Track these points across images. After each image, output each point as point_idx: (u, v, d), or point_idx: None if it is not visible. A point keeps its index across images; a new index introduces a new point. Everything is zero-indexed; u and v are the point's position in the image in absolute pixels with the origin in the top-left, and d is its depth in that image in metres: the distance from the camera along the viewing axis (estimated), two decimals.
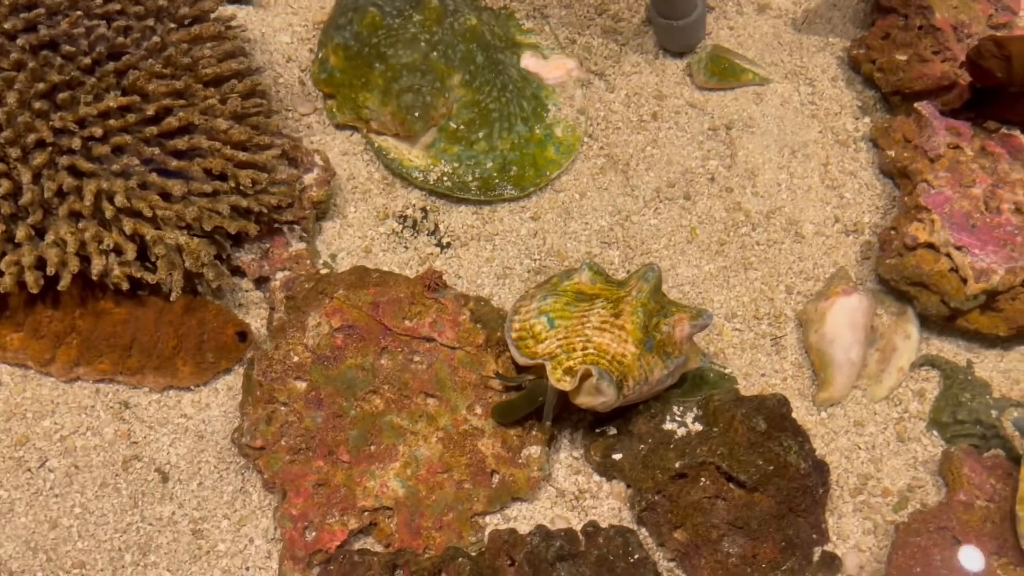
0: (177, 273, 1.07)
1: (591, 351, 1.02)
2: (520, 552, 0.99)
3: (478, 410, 1.07)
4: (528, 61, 1.41)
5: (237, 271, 1.19)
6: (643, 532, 1.08)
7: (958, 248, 1.12)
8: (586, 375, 0.99)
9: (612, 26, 1.49)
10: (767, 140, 1.38)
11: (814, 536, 1.06)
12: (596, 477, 1.12)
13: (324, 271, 1.18)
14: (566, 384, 1.00)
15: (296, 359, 1.06)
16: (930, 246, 1.15)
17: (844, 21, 1.50)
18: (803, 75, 1.44)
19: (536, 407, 1.04)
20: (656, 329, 1.06)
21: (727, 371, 1.20)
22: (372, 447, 1.03)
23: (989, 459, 1.07)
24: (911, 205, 1.19)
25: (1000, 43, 1.19)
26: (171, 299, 1.08)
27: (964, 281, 1.11)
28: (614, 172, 1.36)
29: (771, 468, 1.02)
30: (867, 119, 1.39)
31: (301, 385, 1.05)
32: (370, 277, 1.10)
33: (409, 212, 1.31)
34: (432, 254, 1.28)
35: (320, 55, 1.32)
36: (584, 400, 1.01)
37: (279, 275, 1.18)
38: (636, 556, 1.00)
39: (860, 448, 1.15)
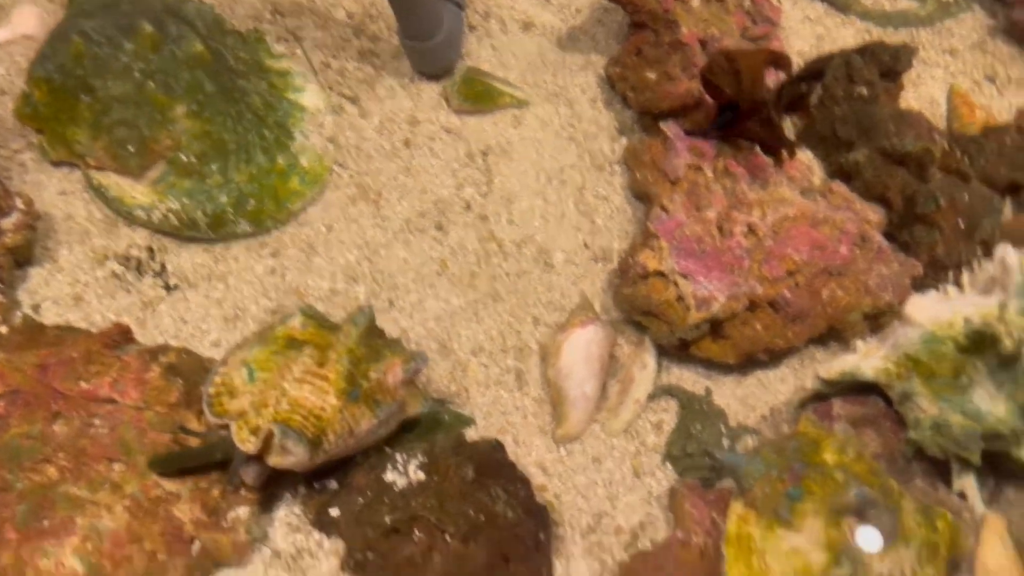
0: None
1: (284, 407, 0.96)
2: None
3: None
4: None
5: None
6: None
7: (684, 276, 1.11)
8: (270, 435, 0.93)
9: (369, 47, 1.43)
10: (524, 165, 1.35)
11: None
12: (316, 535, 1.06)
13: (11, 326, 1.08)
14: (250, 445, 0.94)
15: None
16: (660, 274, 1.13)
17: (607, 37, 1.47)
18: (563, 96, 1.41)
19: (214, 462, 0.97)
20: (364, 377, 1.01)
21: (466, 411, 1.16)
22: (45, 522, 0.94)
23: (714, 493, 1.05)
24: (645, 231, 1.17)
25: (730, 57, 1.17)
26: None
27: (688, 309, 1.09)
28: (365, 203, 1.30)
29: (481, 518, 0.98)
30: (623, 140, 1.37)
31: None
32: (44, 336, 1.01)
33: (133, 252, 1.22)
34: (157, 297, 1.20)
35: (25, 89, 1.22)
36: (275, 460, 0.95)
37: None
38: None
39: (598, 485, 1.13)
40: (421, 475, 1.04)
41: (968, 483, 1.00)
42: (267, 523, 1.06)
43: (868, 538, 0.93)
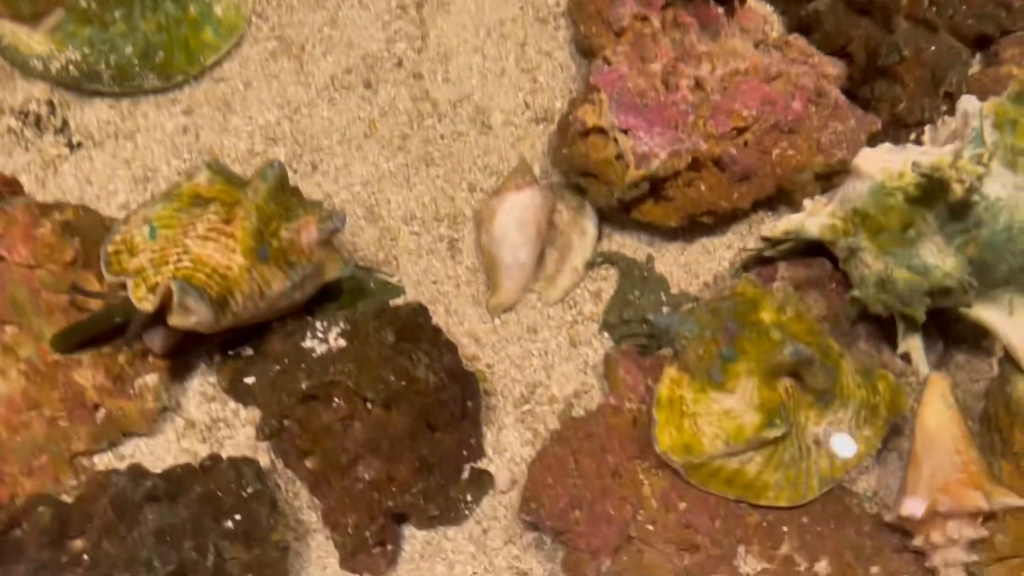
0: None
1: (185, 264, 0.89)
2: (107, 494, 0.87)
3: None
4: None
5: None
6: (279, 459, 0.98)
7: (624, 132, 1.03)
8: (168, 292, 0.86)
9: None
10: (463, 19, 1.24)
11: (463, 453, 0.99)
12: (232, 404, 1.01)
13: None
14: (147, 304, 0.87)
15: None
16: (599, 130, 1.05)
17: None
18: None
19: (114, 327, 0.91)
20: (275, 236, 0.93)
21: (394, 279, 1.10)
22: None
23: (651, 360, 1.01)
24: (586, 83, 1.08)
25: None
26: None
27: (627, 167, 1.02)
28: (286, 58, 1.19)
29: (402, 384, 0.93)
30: None
31: None
32: None
33: (32, 107, 1.11)
34: (60, 156, 1.10)
35: None
36: (175, 320, 0.88)
37: None
38: (250, 490, 0.90)
39: (532, 355, 1.08)
40: (342, 342, 0.98)
41: (913, 344, 0.96)
42: (180, 392, 1.00)
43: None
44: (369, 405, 0.94)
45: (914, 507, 0.88)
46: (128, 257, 0.90)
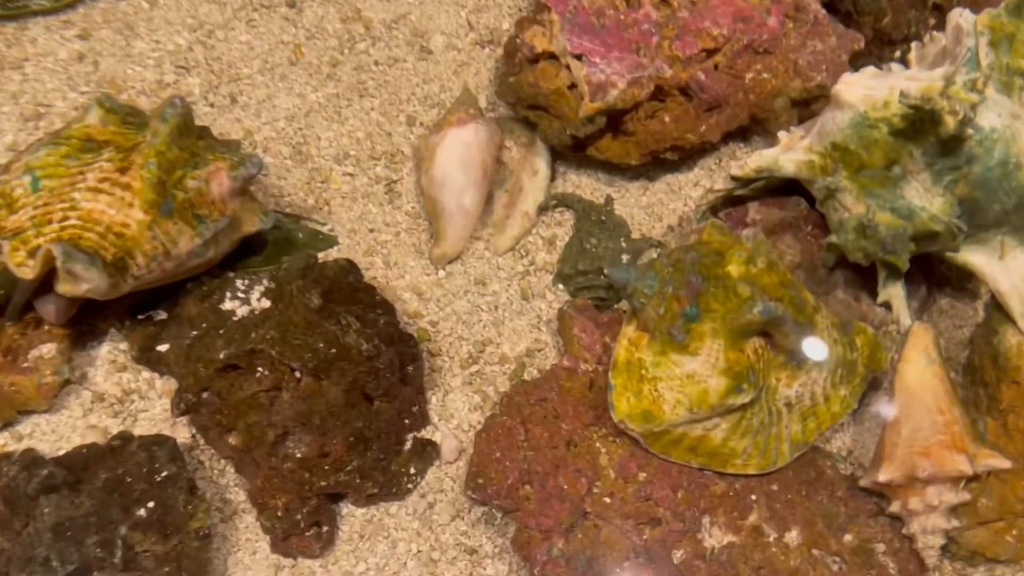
0: None
1: (73, 223, 0.77)
2: None
3: None
4: None
5: None
6: (202, 437, 0.89)
7: (577, 57, 0.91)
8: (51, 257, 0.75)
9: None
10: None
11: (404, 422, 0.90)
12: (147, 374, 0.91)
13: None
14: (27, 271, 0.75)
15: None
16: (550, 56, 0.93)
17: None
18: None
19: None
20: (180, 185, 0.82)
21: (326, 228, 0.99)
22: None
23: (608, 316, 0.92)
24: (535, 5, 0.96)
25: None
26: None
27: (581, 99, 0.91)
28: None
29: (332, 351, 0.83)
30: None
31: None
32: None
33: None
34: None
35: None
36: (64, 288, 0.77)
37: None
38: (164, 473, 0.80)
39: (481, 310, 0.98)
40: (266, 303, 0.87)
41: (895, 293, 0.88)
42: (86, 362, 0.90)
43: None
44: (298, 375, 0.85)
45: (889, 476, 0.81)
46: (6, 214, 0.78)
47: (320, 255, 0.94)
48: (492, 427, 0.85)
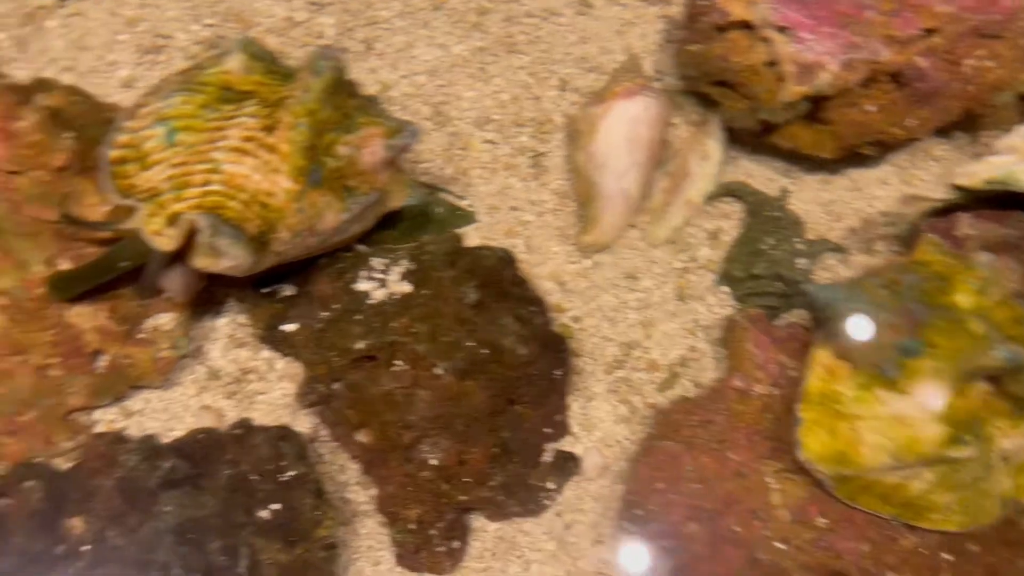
0: None
1: (215, 187, 0.67)
2: (113, 474, 0.70)
3: (65, 264, 0.72)
4: None
5: None
6: (324, 426, 0.80)
7: (781, 30, 0.79)
8: (193, 229, 0.65)
9: None
10: None
11: (546, 431, 0.80)
12: (267, 351, 0.82)
13: None
14: (166, 241, 0.66)
15: None
16: (746, 25, 0.80)
17: None
18: None
19: (128, 271, 0.70)
20: (330, 152, 0.71)
21: (465, 203, 0.88)
22: None
23: (784, 329, 0.81)
24: None
25: None
26: None
27: (781, 80, 0.79)
28: None
29: (485, 352, 0.74)
30: None
31: None
32: None
33: None
34: (43, 8, 0.86)
35: None
36: (202, 263, 0.67)
37: None
38: (290, 474, 0.72)
39: (629, 307, 0.87)
40: (406, 286, 0.78)
41: None
42: (202, 335, 0.81)
43: None
44: (438, 372, 0.75)
45: None
46: (138, 169, 0.68)
47: (462, 237, 0.84)
48: (654, 452, 0.76)
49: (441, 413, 0.75)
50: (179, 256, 0.69)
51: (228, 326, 0.81)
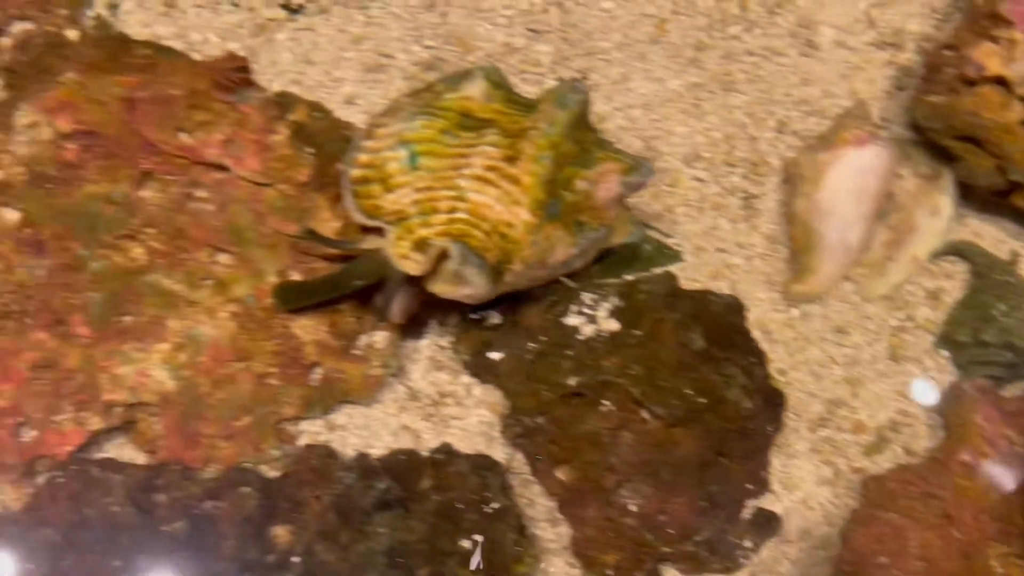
0: None
1: (461, 215, 0.67)
2: (328, 490, 0.70)
3: (296, 276, 0.73)
4: None
5: None
6: (518, 458, 0.79)
7: None
8: (443, 255, 0.65)
9: None
10: None
11: (748, 487, 0.78)
12: (465, 377, 0.81)
13: (77, 31, 0.78)
14: (413, 265, 0.66)
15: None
16: (1000, 82, 0.76)
17: None
18: None
19: (357, 290, 0.70)
20: (569, 186, 0.70)
21: (672, 241, 0.86)
22: (127, 318, 0.70)
23: (1014, 402, 0.76)
24: (983, 12, 0.78)
25: None
26: None
27: None
28: None
29: (703, 401, 0.71)
30: None
31: (11, 216, 0.69)
32: (131, 55, 0.70)
33: None
34: (275, 21, 0.88)
35: None
36: (442, 289, 0.67)
37: (15, 26, 0.77)
38: (494, 506, 0.71)
39: (836, 363, 0.83)
40: (613, 324, 0.76)
41: None
42: (404, 354, 0.81)
43: None
44: (646, 415, 0.73)
45: None
46: (382, 191, 0.68)
47: (678, 278, 0.81)
48: (874, 522, 0.72)
49: (648, 459, 0.73)
50: (409, 279, 0.69)
51: (429, 348, 0.81)
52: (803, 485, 0.80)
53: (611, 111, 0.89)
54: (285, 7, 0.87)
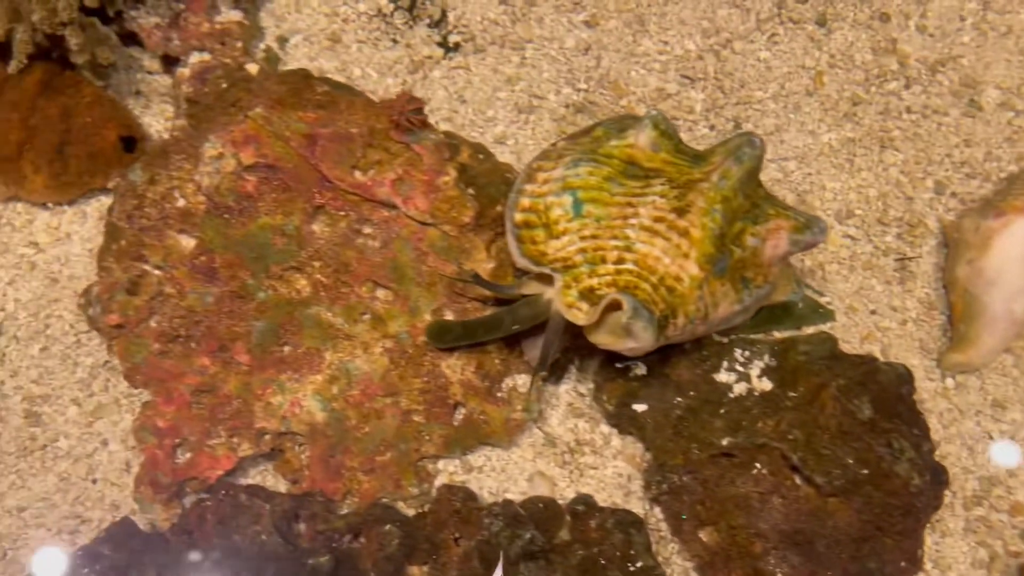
0: (22, 30, 0.71)
1: (629, 266, 0.66)
2: (473, 535, 0.69)
3: (449, 316, 0.73)
4: None
5: (132, 39, 0.82)
6: (656, 514, 0.77)
7: None
8: (614, 306, 0.64)
9: None
10: None
11: (903, 565, 0.74)
12: (604, 427, 0.79)
13: (255, 64, 0.80)
14: (580, 315, 0.65)
15: (182, 203, 0.70)
16: None
17: None
18: None
19: (511, 334, 0.69)
20: (738, 241, 0.68)
21: (824, 299, 0.83)
22: (286, 348, 0.71)
23: None
24: None
25: None
26: (11, 69, 0.73)
27: None
28: None
29: (864, 472, 0.68)
30: None
31: (187, 243, 0.71)
32: (313, 91, 0.71)
33: None
34: (431, 58, 0.89)
35: None
36: (604, 340, 0.66)
37: (193, 57, 0.80)
38: (639, 564, 0.69)
39: (992, 439, 0.80)
40: (767, 383, 0.74)
41: None
42: (543, 399, 0.80)
43: None
44: (799, 481, 0.71)
45: None
46: (545, 236, 0.68)
47: (838, 341, 0.79)
48: None
49: (799, 528, 0.70)
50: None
51: (568, 394, 0.80)
52: (957, 567, 0.76)
53: (765, 162, 0.87)
54: (442, 45, 0.88)
